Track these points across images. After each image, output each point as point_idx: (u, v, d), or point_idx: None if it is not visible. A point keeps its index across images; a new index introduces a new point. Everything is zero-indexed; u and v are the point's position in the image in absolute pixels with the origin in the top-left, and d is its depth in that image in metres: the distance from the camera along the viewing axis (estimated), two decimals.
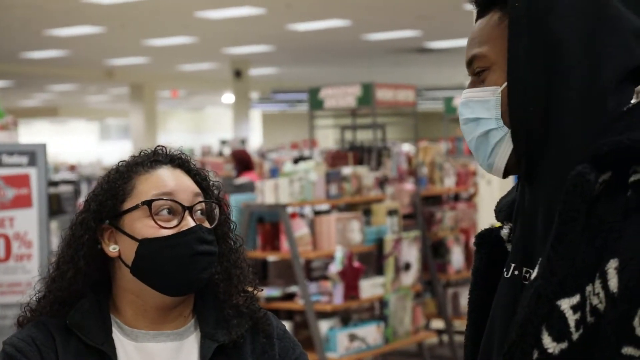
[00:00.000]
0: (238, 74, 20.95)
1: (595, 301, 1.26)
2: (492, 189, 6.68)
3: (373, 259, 6.84)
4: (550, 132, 1.34)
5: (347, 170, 6.88)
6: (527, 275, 1.38)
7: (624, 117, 1.33)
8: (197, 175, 1.72)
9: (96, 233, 1.67)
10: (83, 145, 35.64)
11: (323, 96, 7.87)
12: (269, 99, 27.66)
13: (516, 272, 1.40)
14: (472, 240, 5.91)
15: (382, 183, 7.25)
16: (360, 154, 7.63)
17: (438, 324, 8.34)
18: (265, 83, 25.95)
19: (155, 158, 1.71)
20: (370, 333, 6.47)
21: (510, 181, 5.52)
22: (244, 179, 8.43)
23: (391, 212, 6.93)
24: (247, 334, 1.69)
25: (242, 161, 8.84)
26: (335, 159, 7.40)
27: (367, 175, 6.97)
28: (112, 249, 1.66)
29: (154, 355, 1.65)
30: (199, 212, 1.67)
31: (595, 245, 1.27)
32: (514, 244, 1.44)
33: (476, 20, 1.46)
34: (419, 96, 8.51)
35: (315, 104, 8.00)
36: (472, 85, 1.43)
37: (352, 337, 6.32)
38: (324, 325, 6.28)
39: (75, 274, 1.65)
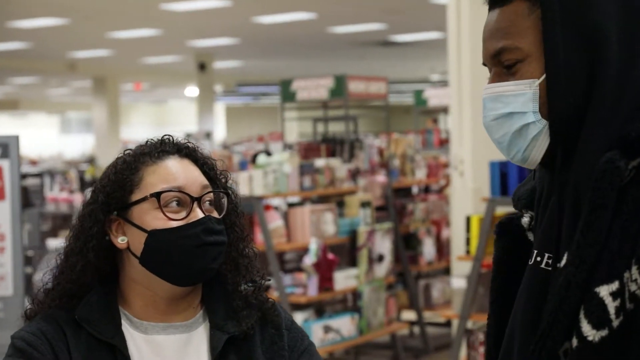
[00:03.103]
0: (202, 66, 20.83)
1: (633, 287, 1.26)
2: (465, 180, 6.71)
3: (346, 250, 6.84)
4: (585, 121, 1.33)
5: (320, 162, 6.88)
6: (550, 262, 1.38)
7: None
8: (205, 164, 1.70)
9: (104, 225, 1.64)
10: (43, 138, 35.22)
11: (295, 88, 7.85)
12: (233, 92, 27.54)
13: (538, 259, 1.40)
14: (443, 231, 5.96)
15: (354, 175, 7.26)
16: (333, 146, 7.63)
17: (408, 315, 8.36)
18: (230, 76, 25.84)
19: (162, 148, 1.68)
20: (345, 324, 6.47)
21: (485, 173, 5.54)
22: None
23: (364, 204, 6.94)
24: (256, 325, 1.68)
25: None
26: (308, 151, 7.39)
27: (340, 167, 6.98)
28: (120, 241, 1.64)
29: (163, 348, 1.63)
30: (207, 202, 1.66)
31: (630, 231, 1.27)
32: (537, 231, 1.43)
33: (490, 9, 1.42)
34: None
35: (287, 96, 7.98)
36: (499, 78, 1.39)
37: (327, 329, 6.32)
38: (298, 317, 6.27)
39: (85, 266, 1.63)
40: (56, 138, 36.34)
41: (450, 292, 7.23)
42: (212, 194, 1.67)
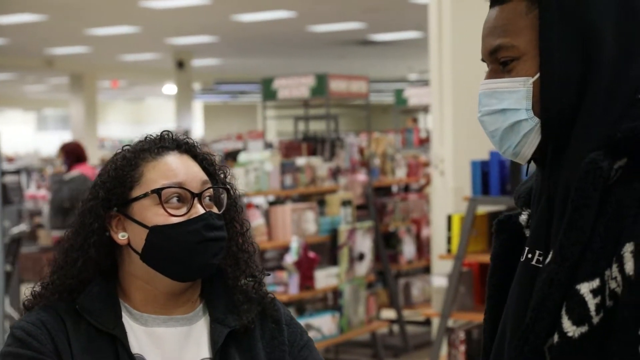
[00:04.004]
0: (181, 64, 20.79)
1: (613, 285, 1.28)
2: (445, 180, 6.74)
3: (327, 249, 6.86)
4: (577, 121, 1.35)
5: (301, 160, 6.89)
6: (541, 259, 1.40)
7: (639, 104, 1.35)
8: (204, 160, 1.71)
9: (104, 221, 1.65)
10: (19, 135, 34.97)
11: (277, 86, 7.86)
12: (211, 90, 27.48)
13: (529, 256, 1.42)
14: (423, 230, 5.98)
15: (335, 174, 7.27)
16: (314, 145, 7.64)
17: (388, 313, 8.39)
18: (208, 74, 25.78)
19: (161, 144, 1.69)
20: (326, 323, 6.49)
21: (466, 171, 5.57)
22: (74, 172, 7.90)
23: (345, 203, 6.96)
24: (256, 319, 1.69)
25: (73, 154, 8.11)
26: (289, 149, 7.40)
27: (321, 165, 6.99)
28: (121, 237, 1.65)
29: (163, 340, 1.64)
30: (207, 198, 1.67)
31: (613, 230, 1.29)
32: (530, 228, 1.45)
33: (490, 7, 1.44)
34: None
35: (268, 94, 7.98)
36: (494, 75, 1.41)
37: (308, 327, 6.33)
38: None
39: (85, 262, 1.64)
40: (32, 135, 36.10)
41: (429, 291, 7.27)
42: (211, 189, 1.68)
